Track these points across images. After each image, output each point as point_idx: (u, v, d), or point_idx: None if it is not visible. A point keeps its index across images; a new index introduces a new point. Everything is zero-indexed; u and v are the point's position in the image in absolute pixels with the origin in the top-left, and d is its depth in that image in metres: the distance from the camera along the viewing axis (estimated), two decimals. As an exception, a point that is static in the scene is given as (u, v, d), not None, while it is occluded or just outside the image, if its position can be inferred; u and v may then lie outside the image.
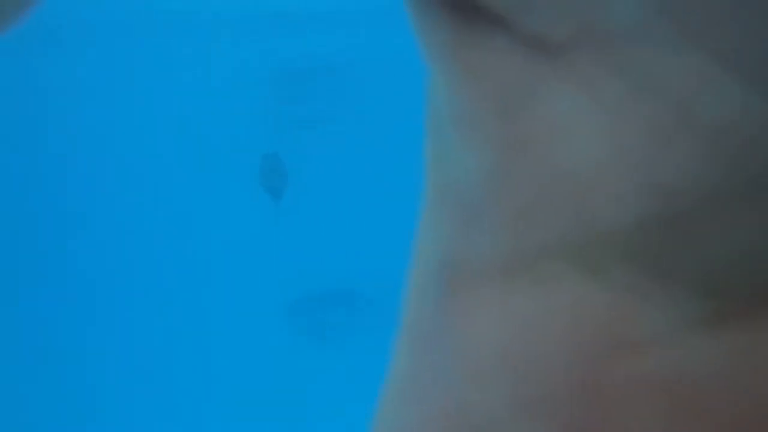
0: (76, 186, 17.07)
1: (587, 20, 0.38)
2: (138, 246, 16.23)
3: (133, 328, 16.46)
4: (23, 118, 15.53)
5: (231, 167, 15.20)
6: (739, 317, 0.39)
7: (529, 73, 0.40)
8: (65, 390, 16.69)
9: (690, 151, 0.37)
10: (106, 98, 14.67)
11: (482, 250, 0.41)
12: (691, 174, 0.39)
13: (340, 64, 13.86)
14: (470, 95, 0.41)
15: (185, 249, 15.80)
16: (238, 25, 12.59)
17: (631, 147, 0.39)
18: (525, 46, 0.40)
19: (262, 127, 14.27)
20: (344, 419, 11.07)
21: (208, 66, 13.45)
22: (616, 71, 0.38)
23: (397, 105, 14.78)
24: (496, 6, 0.40)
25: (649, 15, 0.37)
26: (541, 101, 0.40)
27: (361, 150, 16.21)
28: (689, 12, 0.36)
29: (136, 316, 16.55)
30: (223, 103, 14.48)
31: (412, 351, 0.41)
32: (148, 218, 15.85)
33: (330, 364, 13.67)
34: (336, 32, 13.07)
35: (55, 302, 17.28)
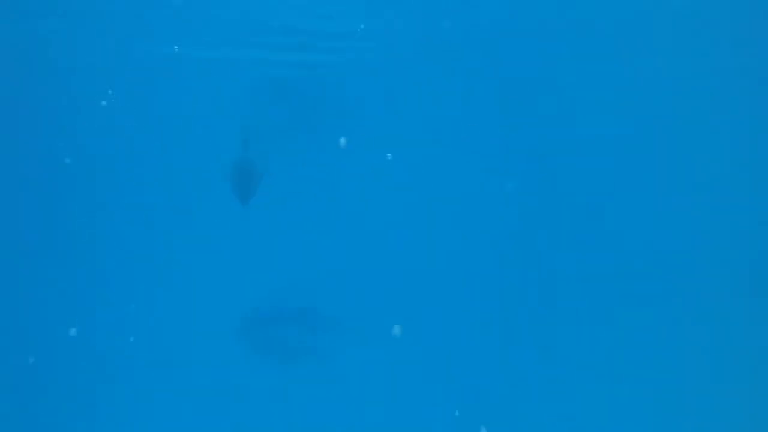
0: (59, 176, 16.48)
1: None
2: (107, 241, 15.74)
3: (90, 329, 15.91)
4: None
5: (203, 169, 14.93)
6: None
7: None
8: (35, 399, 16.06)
9: None
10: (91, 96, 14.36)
11: None
12: None
13: (319, 74, 13.68)
14: None
15: (151, 246, 15.43)
16: (223, 33, 12.46)
17: None
18: None
19: (237, 132, 14.09)
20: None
21: (188, 70, 13.25)
22: None
23: (375, 115, 14.74)
24: None
25: None
26: None
27: (335, 160, 16.01)
28: None
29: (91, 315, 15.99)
30: (200, 106, 14.27)
31: None
32: (119, 216, 15.41)
33: (285, 384, 13.38)
34: (316, 45, 12.93)
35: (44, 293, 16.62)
